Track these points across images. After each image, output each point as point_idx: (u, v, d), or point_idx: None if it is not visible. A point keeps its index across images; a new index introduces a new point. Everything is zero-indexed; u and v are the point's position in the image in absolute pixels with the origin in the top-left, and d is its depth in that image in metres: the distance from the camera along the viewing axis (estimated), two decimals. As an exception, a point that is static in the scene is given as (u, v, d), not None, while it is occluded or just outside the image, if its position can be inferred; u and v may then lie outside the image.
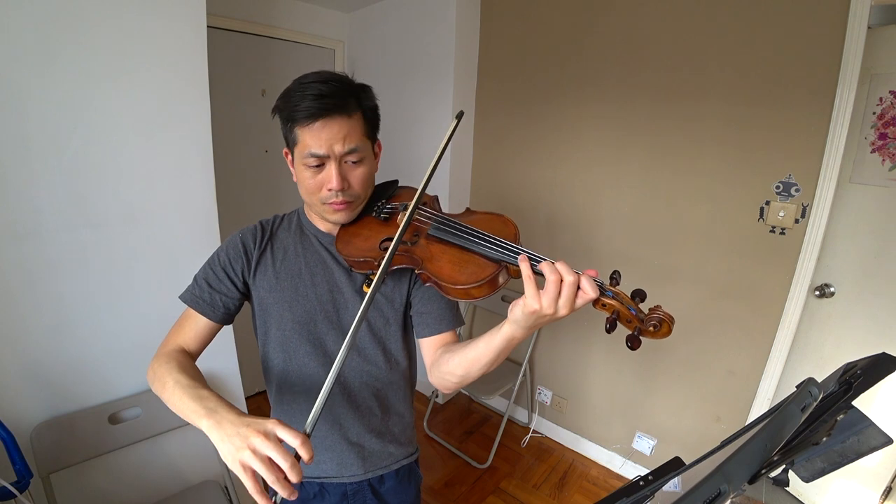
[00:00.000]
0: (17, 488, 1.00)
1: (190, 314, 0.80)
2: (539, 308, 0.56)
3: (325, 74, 0.73)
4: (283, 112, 0.74)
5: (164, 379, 0.68)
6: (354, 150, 0.74)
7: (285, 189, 2.47)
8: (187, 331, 0.79)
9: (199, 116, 1.35)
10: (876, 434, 0.50)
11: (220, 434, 0.55)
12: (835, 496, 1.66)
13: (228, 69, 2.12)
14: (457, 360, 0.72)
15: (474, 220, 0.75)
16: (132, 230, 1.28)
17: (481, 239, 0.69)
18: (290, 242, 0.85)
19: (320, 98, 0.70)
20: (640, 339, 0.57)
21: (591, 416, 2.19)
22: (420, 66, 2.30)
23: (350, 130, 0.73)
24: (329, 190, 0.75)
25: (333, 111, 0.71)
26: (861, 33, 1.34)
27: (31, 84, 1.07)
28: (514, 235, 0.71)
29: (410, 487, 0.95)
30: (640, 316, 0.58)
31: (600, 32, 1.87)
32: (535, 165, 2.17)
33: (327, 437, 0.85)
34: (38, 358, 1.18)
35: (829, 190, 1.45)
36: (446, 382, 0.76)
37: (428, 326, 0.83)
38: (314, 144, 0.72)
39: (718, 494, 0.32)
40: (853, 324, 1.58)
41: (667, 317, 0.56)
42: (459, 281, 0.66)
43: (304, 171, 0.75)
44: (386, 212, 0.81)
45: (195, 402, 0.61)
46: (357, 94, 0.75)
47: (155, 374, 0.71)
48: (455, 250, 0.71)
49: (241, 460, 0.52)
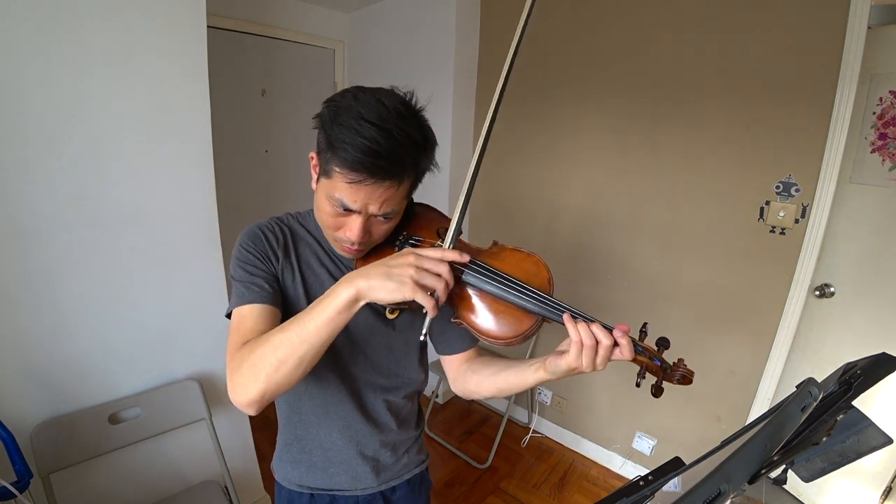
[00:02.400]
0: (17, 488, 1.00)
1: (247, 313, 0.68)
2: (580, 367, 0.60)
3: (390, 119, 0.60)
4: (326, 133, 0.62)
5: (265, 345, 0.58)
6: (389, 213, 0.66)
7: (285, 189, 2.47)
8: (250, 328, 0.66)
9: (199, 116, 1.35)
10: (876, 434, 0.51)
11: (377, 277, 0.55)
12: (835, 496, 1.66)
13: (228, 69, 2.12)
14: (486, 385, 0.75)
15: (505, 261, 0.70)
16: (132, 230, 1.28)
17: (520, 291, 0.64)
18: (314, 252, 0.78)
19: (374, 156, 0.58)
20: (664, 388, 0.62)
21: (592, 416, 2.19)
22: (420, 66, 2.30)
23: (392, 196, 0.64)
24: (347, 237, 0.68)
25: (383, 176, 0.60)
26: (861, 33, 1.34)
27: (31, 84, 1.07)
28: (548, 281, 0.67)
29: (421, 495, 0.95)
30: (665, 367, 0.62)
31: (601, 33, 1.87)
32: (535, 165, 2.17)
33: (343, 452, 0.84)
34: (38, 358, 1.18)
35: (829, 190, 1.45)
36: (470, 395, 0.81)
37: (451, 346, 0.83)
38: (347, 197, 0.62)
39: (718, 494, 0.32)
40: (853, 324, 1.58)
41: (688, 373, 0.61)
42: (498, 336, 0.65)
43: (326, 206, 0.66)
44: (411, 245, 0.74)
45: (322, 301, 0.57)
46: (418, 157, 0.64)
47: (249, 363, 0.59)
48: (491, 299, 0.66)
49: (414, 279, 0.55)
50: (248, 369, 0.59)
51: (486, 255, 0.71)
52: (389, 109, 0.61)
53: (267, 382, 0.58)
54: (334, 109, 0.62)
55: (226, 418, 1.56)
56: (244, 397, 0.60)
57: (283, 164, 2.44)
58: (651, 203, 1.85)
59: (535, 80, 2.09)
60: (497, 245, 0.74)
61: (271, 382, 0.58)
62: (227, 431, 1.55)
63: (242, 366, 0.59)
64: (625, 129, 1.87)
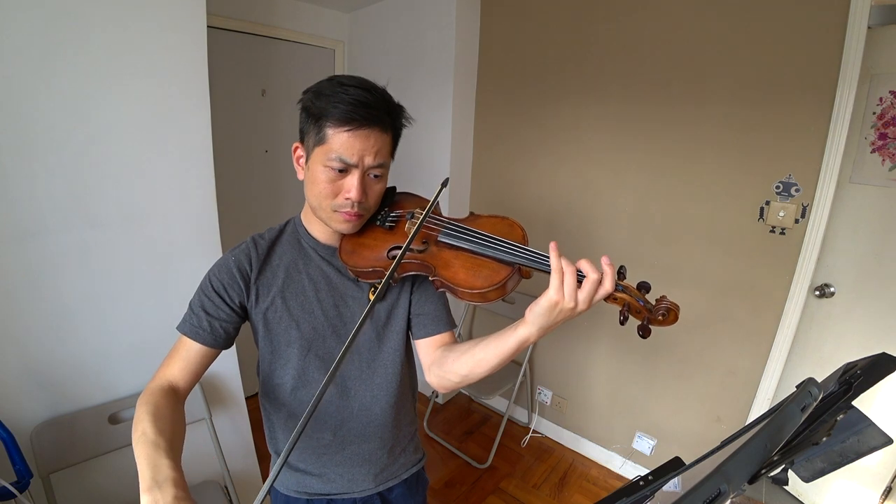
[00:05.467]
0: (17, 488, 1.00)
1: (186, 343, 0.75)
2: (561, 300, 0.58)
3: (367, 83, 0.71)
4: (314, 108, 0.70)
5: (136, 423, 0.64)
6: (382, 164, 0.73)
7: (285, 189, 2.47)
8: (182, 362, 0.75)
9: (199, 116, 1.35)
10: (876, 434, 0.50)
11: None
12: (835, 496, 1.66)
13: (228, 69, 2.12)
14: (463, 360, 0.72)
15: (480, 224, 0.75)
16: (132, 230, 1.28)
17: (493, 243, 0.69)
18: (290, 258, 0.81)
19: (363, 106, 0.68)
20: (650, 329, 0.61)
21: (592, 416, 2.19)
22: (420, 66, 2.30)
23: (382, 145, 0.72)
24: (346, 199, 0.72)
25: (373, 122, 0.69)
26: (861, 33, 1.34)
27: (31, 84, 1.07)
28: (522, 237, 0.71)
29: (418, 494, 0.96)
30: (649, 306, 0.61)
31: (601, 33, 1.87)
32: (535, 165, 2.17)
33: (338, 454, 0.85)
34: (39, 358, 1.18)
35: (829, 190, 1.45)
36: (446, 382, 0.76)
37: (426, 327, 0.83)
38: (345, 151, 0.69)
39: (718, 494, 0.32)
40: (853, 324, 1.58)
41: (673, 305, 0.60)
42: (476, 286, 0.67)
43: (323, 174, 0.71)
44: (391, 220, 0.80)
45: (148, 468, 0.56)
46: (395, 112, 0.74)
47: (137, 410, 0.66)
48: (467, 255, 0.71)
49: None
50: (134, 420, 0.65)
51: (462, 220, 0.77)
52: (361, 79, 0.71)
53: None
54: (316, 90, 0.71)
55: (226, 418, 1.56)
56: None
57: (283, 164, 2.43)
58: (651, 203, 1.85)
59: (535, 82, 2.09)
60: (473, 214, 0.80)
61: None
62: (227, 431, 1.55)
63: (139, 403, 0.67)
64: (625, 130, 1.87)
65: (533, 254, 0.65)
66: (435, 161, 2.33)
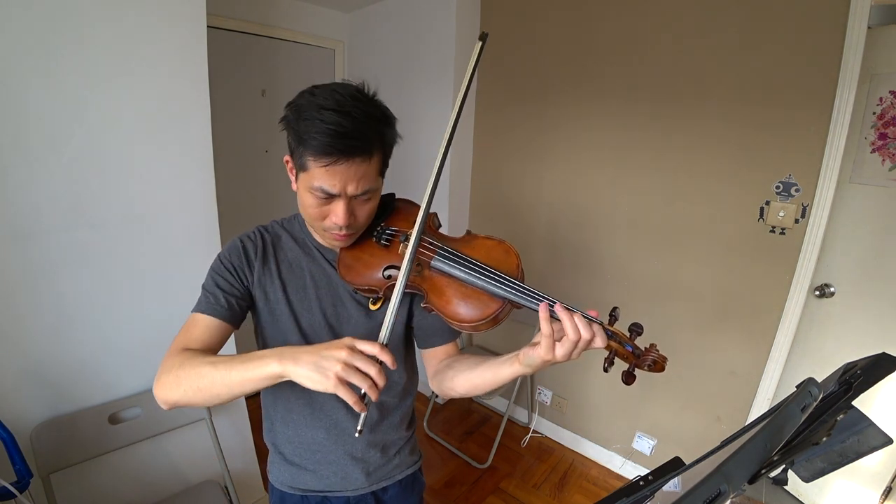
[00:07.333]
0: (17, 488, 1.00)
1: (199, 320, 0.73)
2: (552, 358, 0.60)
3: (347, 103, 0.64)
4: (294, 130, 0.66)
5: (194, 368, 0.62)
6: (367, 190, 0.70)
7: (286, 189, 2.47)
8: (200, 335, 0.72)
9: (199, 116, 1.36)
10: (876, 434, 0.51)
11: (305, 365, 0.55)
12: (835, 496, 1.66)
13: (228, 69, 2.12)
14: (461, 381, 0.74)
15: (476, 248, 0.73)
16: (132, 230, 1.28)
17: (486, 275, 0.67)
18: (294, 255, 0.82)
19: (340, 137, 0.62)
20: (635, 375, 0.60)
21: (592, 416, 2.19)
22: (420, 66, 2.29)
23: (366, 172, 0.67)
24: (334, 223, 0.71)
25: (353, 154, 0.64)
26: (861, 33, 1.34)
27: (31, 84, 1.07)
28: (517, 266, 0.70)
29: (413, 496, 0.95)
30: (637, 353, 0.60)
31: (600, 33, 1.87)
32: (535, 165, 2.17)
33: (331, 453, 0.85)
34: (39, 358, 1.18)
35: (829, 190, 1.45)
36: (448, 393, 0.79)
37: (429, 339, 0.84)
38: (326, 182, 0.66)
39: (718, 494, 0.32)
40: (853, 324, 1.58)
41: (660, 358, 0.59)
42: (465, 319, 0.67)
43: (308, 198, 0.69)
44: (386, 238, 0.78)
45: (253, 360, 0.58)
46: (381, 131, 0.69)
47: (177, 373, 0.63)
48: (459, 284, 0.69)
49: (339, 375, 0.54)
50: (174, 378, 0.63)
51: (458, 242, 0.75)
52: (345, 96, 0.65)
53: (184, 396, 0.63)
54: (296, 109, 0.66)
55: (226, 418, 1.56)
56: (163, 396, 0.65)
57: (283, 164, 2.42)
58: (651, 203, 1.85)
59: (536, 81, 2.09)
60: (470, 234, 0.78)
61: (187, 398, 0.63)
62: (227, 431, 1.55)
63: (171, 371, 0.64)
64: (625, 129, 1.87)
65: (527, 293, 0.64)
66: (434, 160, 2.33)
